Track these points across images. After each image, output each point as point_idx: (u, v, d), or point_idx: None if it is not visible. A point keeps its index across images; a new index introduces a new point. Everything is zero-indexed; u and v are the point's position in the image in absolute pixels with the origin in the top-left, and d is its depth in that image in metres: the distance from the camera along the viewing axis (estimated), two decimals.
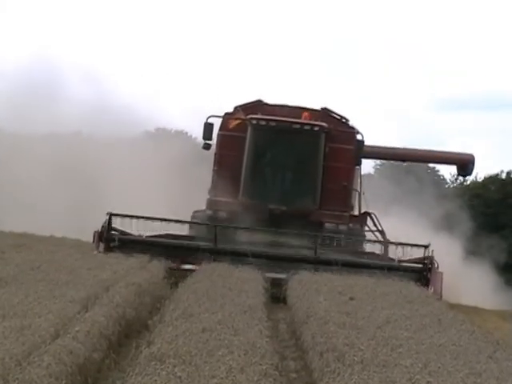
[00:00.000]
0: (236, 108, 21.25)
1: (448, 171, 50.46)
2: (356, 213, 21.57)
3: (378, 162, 45.98)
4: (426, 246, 18.44)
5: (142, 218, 18.41)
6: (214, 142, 21.34)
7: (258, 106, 21.11)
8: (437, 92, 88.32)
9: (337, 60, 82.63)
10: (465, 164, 25.55)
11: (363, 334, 10.58)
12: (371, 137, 23.35)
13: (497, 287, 30.31)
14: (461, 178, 29.86)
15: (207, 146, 21.05)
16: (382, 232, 21.08)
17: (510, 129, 76.18)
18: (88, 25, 67.78)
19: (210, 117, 20.94)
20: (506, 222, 42.62)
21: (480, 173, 47.12)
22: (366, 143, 22.18)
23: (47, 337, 8.96)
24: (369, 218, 21.54)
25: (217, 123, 21.13)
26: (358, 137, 20.94)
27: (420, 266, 18.30)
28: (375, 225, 21.34)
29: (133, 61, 65.74)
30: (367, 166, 23.82)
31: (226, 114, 21.22)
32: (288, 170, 20.53)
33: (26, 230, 21.71)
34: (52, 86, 32.73)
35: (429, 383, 8.31)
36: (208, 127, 20.86)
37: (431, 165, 47.64)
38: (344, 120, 21.12)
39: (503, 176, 45.64)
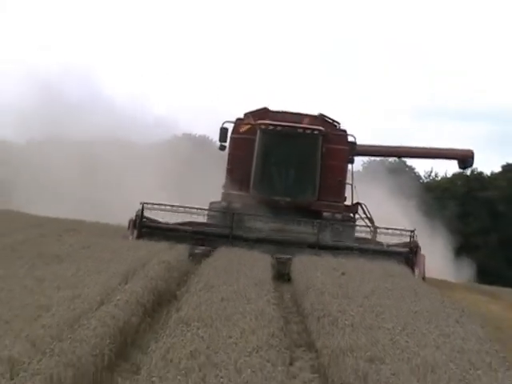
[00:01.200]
0: (246, 114, 20.95)
1: (422, 168, 50.27)
2: (349, 203, 21.36)
3: (366, 160, 45.24)
4: (412, 231, 18.07)
5: (172, 206, 18.17)
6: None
7: (264, 112, 20.79)
8: (417, 102, 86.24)
9: (334, 64, 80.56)
10: (465, 158, 24.78)
11: (353, 303, 10.59)
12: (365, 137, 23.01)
13: (454, 260, 30.17)
14: (461, 170, 28.35)
15: (222, 148, 20.93)
16: (371, 220, 20.87)
17: (474, 136, 75.46)
18: (123, 39, 66.88)
19: (224, 122, 20.80)
20: (470, 211, 42.67)
21: (449, 170, 47.21)
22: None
23: (94, 304, 9.01)
24: (360, 208, 21.35)
25: (230, 128, 20.94)
26: (351, 139, 20.79)
27: (406, 249, 17.95)
28: (365, 213, 21.16)
29: (163, 76, 65.57)
30: (357, 163, 23.42)
31: (237, 119, 20.93)
32: (291, 168, 20.33)
33: (58, 215, 21.90)
34: (92, 98, 32.74)
35: (407, 342, 8.32)
36: (223, 131, 20.69)
37: (409, 163, 47.29)
38: (336, 124, 20.92)
39: (468, 173, 45.59)
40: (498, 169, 45.91)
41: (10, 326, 7.57)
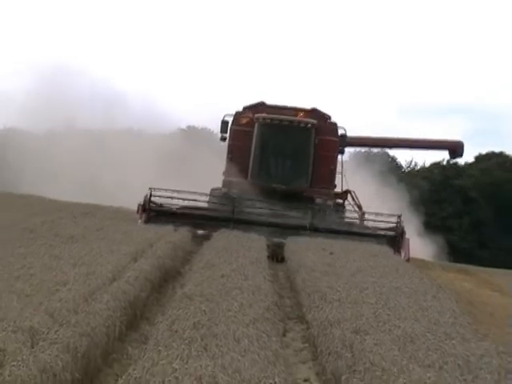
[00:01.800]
0: (244, 108, 20.68)
1: (403, 159, 50.26)
2: (339, 190, 21.15)
3: (352, 151, 44.86)
4: (398, 217, 17.78)
5: (177, 191, 17.79)
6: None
7: (261, 106, 20.56)
8: (401, 100, 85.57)
9: (325, 61, 79.90)
10: (456, 149, 24.28)
11: (340, 279, 10.59)
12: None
13: (431, 241, 29.95)
14: (452, 159, 27.17)
15: (223, 139, 20.67)
16: (359, 206, 20.66)
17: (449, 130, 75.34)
18: (136, 40, 66.54)
19: (225, 115, 20.60)
20: (445, 197, 42.80)
21: (427, 160, 47.35)
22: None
23: (106, 280, 9.00)
24: (349, 195, 21.06)
25: (230, 121, 20.71)
26: (341, 131, 20.48)
27: (393, 233, 17.62)
28: (354, 200, 20.96)
29: (170, 73, 65.38)
30: (345, 154, 22.72)
31: (237, 112, 20.65)
32: (286, 157, 20.04)
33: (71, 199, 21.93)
34: (104, 92, 32.73)
35: (388, 315, 8.33)
36: (224, 124, 20.49)
37: (391, 154, 47.12)
38: (327, 117, 20.64)
39: (444, 163, 45.71)
40: (471, 159, 45.99)
41: (31, 299, 7.57)
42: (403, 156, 51.06)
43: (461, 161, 44.89)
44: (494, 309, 12.63)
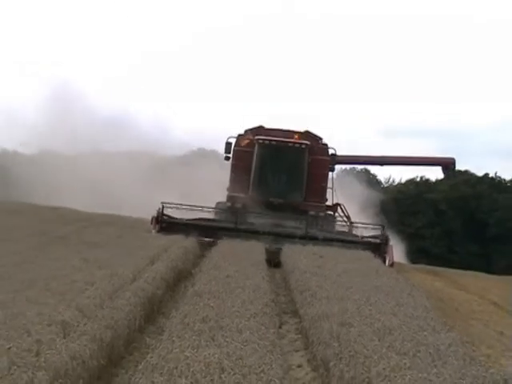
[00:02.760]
0: (246, 131, 20.44)
1: (382, 176, 50.22)
2: (330, 204, 20.78)
3: (338, 169, 44.38)
4: (383, 226, 17.67)
5: (187, 205, 17.56)
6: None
7: (260, 129, 20.35)
8: (376, 122, 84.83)
9: (314, 88, 78.99)
10: (448, 165, 23.76)
11: (328, 280, 10.59)
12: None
13: (407, 248, 29.78)
14: (445, 174, 26.27)
15: (227, 158, 20.35)
16: (348, 217, 20.50)
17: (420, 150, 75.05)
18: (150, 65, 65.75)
19: (229, 138, 20.39)
20: (419, 209, 42.84)
21: (403, 177, 47.42)
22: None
23: (127, 280, 9.05)
24: (339, 208, 20.87)
25: (233, 142, 20.57)
26: (332, 151, 20.31)
27: (379, 241, 17.32)
28: (343, 212, 20.81)
29: (182, 103, 65.16)
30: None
31: (238, 135, 20.40)
32: (283, 175, 19.76)
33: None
34: (126, 120, 32.82)
35: (370, 310, 8.36)
36: (227, 145, 20.23)
37: (372, 171, 46.92)
38: (319, 138, 20.38)
39: (418, 179, 45.80)
40: (441, 176, 45.94)
41: (63, 296, 7.62)
42: (382, 173, 50.99)
43: (432, 177, 45.00)
44: (459, 304, 12.66)
